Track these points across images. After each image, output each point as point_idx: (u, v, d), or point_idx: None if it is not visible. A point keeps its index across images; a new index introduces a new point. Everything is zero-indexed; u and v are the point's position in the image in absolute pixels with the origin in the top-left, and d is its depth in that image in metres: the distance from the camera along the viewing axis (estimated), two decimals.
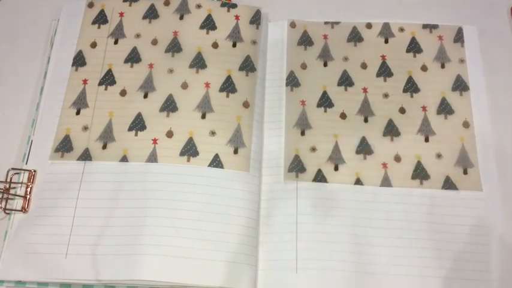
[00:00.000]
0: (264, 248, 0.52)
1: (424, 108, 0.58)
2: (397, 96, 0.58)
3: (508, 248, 0.51)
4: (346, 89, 0.59)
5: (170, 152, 0.54)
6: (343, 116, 0.57)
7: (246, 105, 0.57)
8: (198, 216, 0.51)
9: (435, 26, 0.62)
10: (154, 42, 0.60)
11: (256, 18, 0.62)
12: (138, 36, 0.61)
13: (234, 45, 0.60)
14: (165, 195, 0.52)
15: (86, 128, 0.56)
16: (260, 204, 0.54)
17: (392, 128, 0.57)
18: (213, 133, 0.55)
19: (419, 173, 0.54)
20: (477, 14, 0.64)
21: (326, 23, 0.62)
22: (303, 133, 0.56)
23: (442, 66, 0.60)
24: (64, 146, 0.55)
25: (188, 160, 0.54)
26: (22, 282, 0.50)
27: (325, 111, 0.58)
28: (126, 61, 0.59)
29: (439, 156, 0.55)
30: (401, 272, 0.50)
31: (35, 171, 0.54)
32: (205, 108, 0.56)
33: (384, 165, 0.55)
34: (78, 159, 0.54)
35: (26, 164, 0.55)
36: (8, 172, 0.53)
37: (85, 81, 0.58)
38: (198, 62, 0.59)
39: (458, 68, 0.60)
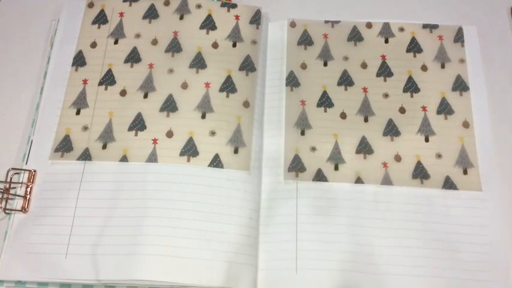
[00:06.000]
0: (264, 248, 0.52)
1: (424, 108, 0.58)
2: (397, 96, 0.58)
3: (508, 247, 0.51)
4: (346, 89, 0.59)
5: (170, 152, 0.54)
6: (343, 115, 0.57)
7: (246, 105, 0.57)
8: (198, 216, 0.51)
9: (435, 26, 0.62)
10: (154, 42, 0.60)
11: (256, 18, 0.61)
12: (138, 36, 0.61)
13: (234, 45, 0.60)
14: (165, 195, 0.52)
15: (86, 128, 0.56)
16: (260, 204, 0.54)
17: (393, 127, 0.57)
18: (213, 133, 0.55)
19: (420, 173, 0.54)
20: (477, 14, 0.64)
21: (326, 22, 0.62)
22: (302, 133, 0.56)
23: (442, 66, 0.60)
24: (64, 146, 0.55)
25: (188, 160, 0.54)
26: (22, 282, 0.50)
27: (325, 111, 0.57)
28: (126, 61, 0.59)
29: (439, 156, 0.55)
30: (401, 272, 0.50)
31: (35, 171, 0.54)
32: (205, 108, 0.56)
33: (384, 164, 0.55)
34: (78, 159, 0.54)
35: (26, 164, 0.55)
36: (8, 172, 0.53)
37: (85, 81, 0.58)
38: (198, 62, 0.59)
39: (458, 68, 0.60)
